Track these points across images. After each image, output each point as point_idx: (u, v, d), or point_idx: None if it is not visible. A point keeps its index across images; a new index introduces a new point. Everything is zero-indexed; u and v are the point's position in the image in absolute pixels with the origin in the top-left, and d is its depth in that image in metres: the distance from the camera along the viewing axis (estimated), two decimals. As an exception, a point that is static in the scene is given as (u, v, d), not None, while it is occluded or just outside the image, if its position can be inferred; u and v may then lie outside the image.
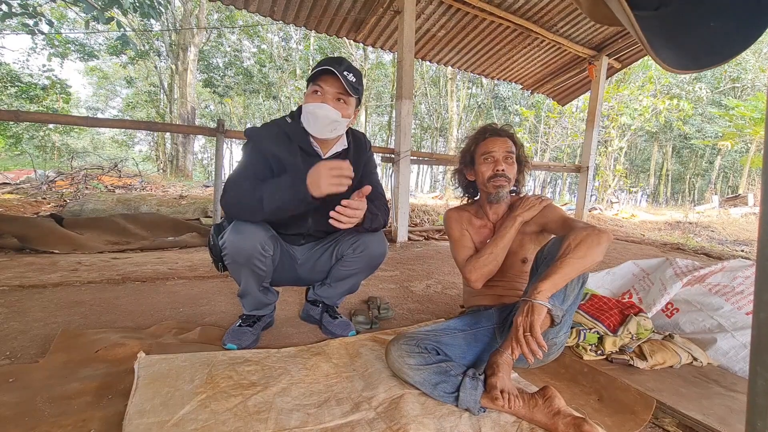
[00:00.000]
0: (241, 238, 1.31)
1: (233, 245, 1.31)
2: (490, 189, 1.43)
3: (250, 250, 1.31)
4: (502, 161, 1.41)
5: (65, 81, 12.30)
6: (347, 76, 1.30)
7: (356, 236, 1.47)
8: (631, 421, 1.09)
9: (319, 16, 4.19)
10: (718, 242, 6.03)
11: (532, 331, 1.01)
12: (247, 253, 1.32)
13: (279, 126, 1.42)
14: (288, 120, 1.43)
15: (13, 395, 1.03)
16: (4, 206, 4.22)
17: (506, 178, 1.41)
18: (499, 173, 1.40)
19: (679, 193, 25.87)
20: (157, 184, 7.45)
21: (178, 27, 12.57)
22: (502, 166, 1.40)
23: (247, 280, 1.41)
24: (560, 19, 4.64)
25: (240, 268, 1.36)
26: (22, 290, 1.91)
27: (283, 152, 1.38)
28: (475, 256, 1.43)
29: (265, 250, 1.34)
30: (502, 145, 1.42)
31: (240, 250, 1.31)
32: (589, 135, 5.56)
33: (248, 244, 1.31)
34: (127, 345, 1.32)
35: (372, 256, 1.50)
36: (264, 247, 1.33)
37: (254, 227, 1.33)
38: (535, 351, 1.00)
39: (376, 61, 18.88)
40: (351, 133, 1.53)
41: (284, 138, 1.39)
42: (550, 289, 1.07)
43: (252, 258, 1.33)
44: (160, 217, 3.92)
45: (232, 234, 1.32)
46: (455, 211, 1.57)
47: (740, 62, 16.90)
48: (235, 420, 0.98)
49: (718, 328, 1.51)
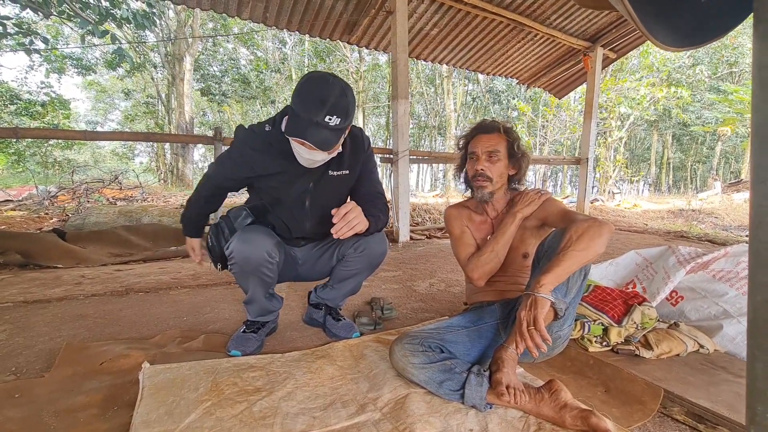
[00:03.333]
0: (248, 247, 1.31)
1: (241, 254, 1.32)
2: (474, 188, 1.43)
3: (259, 259, 1.32)
4: (484, 160, 1.38)
5: (62, 96, 12.38)
6: (329, 124, 1.16)
7: (356, 237, 1.46)
8: (639, 411, 1.08)
9: (311, 20, 4.19)
10: (722, 228, 6.00)
11: (536, 325, 1.01)
12: (255, 261, 1.33)
13: (258, 136, 1.35)
14: (267, 128, 1.34)
15: (19, 410, 1.04)
16: (7, 223, 4.24)
17: (485, 178, 1.39)
18: (478, 173, 1.39)
19: (681, 180, 25.75)
20: (158, 194, 7.47)
21: (172, 37, 12.62)
22: (482, 165, 1.38)
23: (255, 288, 1.41)
24: (553, 12, 4.63)
25: (248, 276, 1.37)
26: (26, 306, 1.91)
27: (267, 162, 1.35)
28: (476, 254, 1.42)
29: (272, 258, 1.35)
30: (486, 142, 1.39)
31: (248, 259, 1.32)
32: (587, 126, 5.54)
33: (256, 253, 1.32)
34: (132, 356, 1.33)
35: (373, 255, 1.50)
36: (271, 254, 1.34)
37: (261, 235, 1.34)
38: (540, 345, 1.00)
39: (372, 63, 18.89)
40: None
41: (267, 148, 1.34)
42: (553, 282, 1.06)
43: (260, 266, 1.34)
44: (162, 227, 3.92)
45: (239, 243, 1.32)
46: (455, 209, 1.56)
47: (737, 46, 16.79)
48: (241, 426, 0.98)
49: (724, 315, 1.50)
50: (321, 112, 1.14)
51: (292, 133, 1.20)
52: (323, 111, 1.14)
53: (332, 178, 1.42)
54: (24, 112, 11.62)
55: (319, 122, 1.15)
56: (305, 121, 1.16)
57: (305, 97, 1.17)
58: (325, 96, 1.15)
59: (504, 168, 1.41)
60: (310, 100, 1.16)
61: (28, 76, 12.55)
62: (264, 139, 1.35)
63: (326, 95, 1.15)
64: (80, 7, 4.86)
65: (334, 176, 1.42)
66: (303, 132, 1.17)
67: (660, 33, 0.51)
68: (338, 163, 1.41)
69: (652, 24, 0.50)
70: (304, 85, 1.19)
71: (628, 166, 16.90)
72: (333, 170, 1.41)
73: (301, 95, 1.18)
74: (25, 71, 12.36)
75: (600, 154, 13.41)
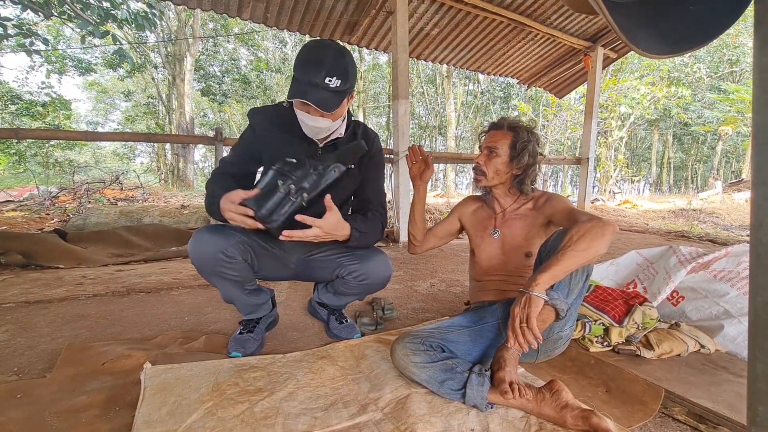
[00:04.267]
0: (200, 247, 1.28)
1: (193, 255, 1.29)
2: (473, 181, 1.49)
3: (211, 259, 1.28)
4: (483, 155, 1.44)
5: (63, 96, 12.39)
6: (329, 86, 1.18)
7: (357, 262, 1.43)
8: (640, 411, 1.08)
9: (312, 20, 4.20)
10: (723, 228, 5.99)
11: (528, 323, 1.02)
12: (210, 261, 1.29)
13: (278, 108, 1.38)
14: (285, 104, 1.36)
15: (21, 411, 1.04)
16: (9, 224, 4.25)
17: (480, 172, 1.44)
18: (474, 166, 1.46)
19: (682, 180, 25.71)
20: (159, 194, 7.48)
21: (173, 38, 12.63)
22: (478, 159, 1.44)
23: (225, 287, 1.40)
24: (553, 12, 4.63)
25: (210, 276, 1.35)
26: (28, 306, 1.92)
27: (273, 134, 1.36)
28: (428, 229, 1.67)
29: (229, 257, 1.29)
30: (491, 138, 1.44)
31: (200, 259, 1.29)
32: (587, 126, 5.54)
33: (208, 252, 1.28)
34: (133, 356, 1.33)
35: (373, 285, 1.48)
36: (227, 253, 1.29)
37: (214, 236, 1.29)
38: (531, 342, 1.01)
39: (372, 63, 18.89)
40: (361, 128, 1.47)
41: (280, 121, 1.36)
42: (549, 281, 1.07)
43: (217, 266, 1.30)
44: (162, 227, 3.93)
45: (193, 243, 1.29)
46: (471, 198, 1.66)
47: (738, 45, 16.76)
48: (243, 426, 0.98)
49: (725, 315, 1.50)
50: (320, 73, 1.16)
51: (293, 95, 1.20)
52: (322, 72, 1.16)
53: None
54: (25, 112, 11.64)
55: (318, 83, 1.17)
56: (304, 83, 1.18)
57: (303, 61, 1.19)
58: (321, 58, 1.17)
59: (501, 165, 1.41)
60: (308, 63, 1.18)
61: (29, 76, 12.53)
62: (280, 112, 1.37)
63: (323, 57, 1.17)
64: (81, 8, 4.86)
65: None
66: (303, 93, 1.18)
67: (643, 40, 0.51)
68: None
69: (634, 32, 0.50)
70: (302, 51, 1.21)
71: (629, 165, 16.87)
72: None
73: (300, 60, 1.20)
74: (26, 72, 12.38)
75: (601, 153, 13.40)
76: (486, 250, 1.48)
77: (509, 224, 1.45)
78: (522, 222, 1.43)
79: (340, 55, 1.19)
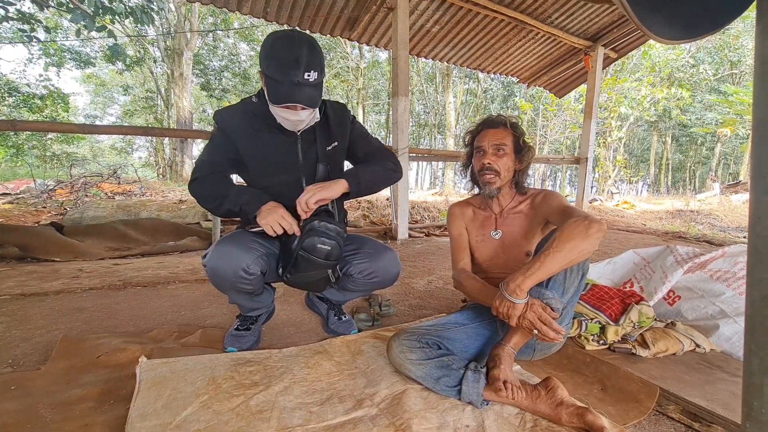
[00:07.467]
0: (220, 263, 1.23)
1: (213, 272, 1.25)
2: (482, 184, 1.41)
3: (232, 277, 1.24)
4: (491, 154, 1.37)
5: (61, 89, 12.32)
6: (310, 81, 1.16)
7: (367, 260, 1.41)
8: (635, 409, 1.08)
9: (312, 15, 4.17)
10: (720, 229, 6.01)
11: (510, 322, 1.09)
12: (229, 279, 1.25)
13: (245, 106, 1.35)
14: (254, 99, 1.34)
15: (15, 403, 1.04)
16: (5, 216, 4.22)
17: (493, 172, 1.36)
18: (485, 166, 1.37)
19: (680, 181, 25.79)
20: (157, 189, 7.45)
21: (172, 32, 12.55)
22: (489, 159, 1.36)
23: (236, 297, 1.39)
24: (555, 11, 4.62)
25: (225, 291, 1.34)
26: (23, 299, 1.91)
27: (248, 133, 1.33)
28: (467, 276, 1.39)
29: (249, 273, 1.25)
30: (493, 136, 1.37)
31: (219, 275, 1.25)
32: (587, 126, 5.54)
33: (229, 270, 1.23)
34: (129, 350, 1.33)
35: (382, 282, 1.47)
36: (247, 270, 1.24)
37: (239, 249, 1.24)
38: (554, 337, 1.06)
39: (372, 60, 18.84)
40: (328, 105, 1.42)
41: (251, 118, 1.33)
42: (530, 284, 1.08)
43: (236, 283, 1.26)
44: (160, 222, 3.92)
45: (213, 258, 1.24)
46: (458, 207, 1.55)
47: (739, 47, 16.78)
48: (238, 420, 0.98)
49: (721, 314, 1.51)
50: (299, 71, 1.14)
51: (281, 100, 1.19)
52: (301, 69, 1.14)
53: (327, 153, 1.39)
54: (23, 105, 11.57)
55: (300, 82, 1.15)
56: (287, 85, 1.16)
57: (279, 61, 1.16)
58: (297, 55, 1.15)
59: (511, 162, 1.39)
60: (285, 63, 1.15)
61: (26, 68, 12.48)
62: (248, 109, 1.33)
63: (299, 54, 1.15)
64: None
65: (329, 151, 1.39)
66: (291, 95, 1.17)
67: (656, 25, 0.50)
68: (327, 136, 1.38)
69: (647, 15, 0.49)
70: (272, 49, 1.17)
71: (628, 166, 16.90)
72: (324, 145, 1.38)
73: (274, 60, 1.17)
74: (24, 64, 12.31)
75: (599, 154, 13.42)
76: (487, 251, 1.46)
77: (509, 223, 1.44)
78: (521, 220, 1.42)
79: (312, 46, 1.18)
